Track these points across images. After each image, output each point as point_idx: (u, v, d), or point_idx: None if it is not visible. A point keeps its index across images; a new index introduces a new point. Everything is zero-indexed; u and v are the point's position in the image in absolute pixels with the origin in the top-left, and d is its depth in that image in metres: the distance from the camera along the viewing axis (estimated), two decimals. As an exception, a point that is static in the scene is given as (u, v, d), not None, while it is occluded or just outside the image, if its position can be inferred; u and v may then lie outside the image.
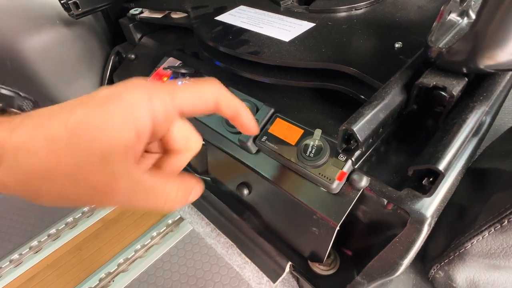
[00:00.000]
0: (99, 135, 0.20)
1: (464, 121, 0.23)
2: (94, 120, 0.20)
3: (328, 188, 0.36)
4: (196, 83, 0.25)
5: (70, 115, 0.20)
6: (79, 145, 0.20)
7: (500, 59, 0.23)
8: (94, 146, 0.20)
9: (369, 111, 0.24)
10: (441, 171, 0.20)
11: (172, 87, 0.23)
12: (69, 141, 0.20)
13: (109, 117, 0.20)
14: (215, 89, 0.25)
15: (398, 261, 0.34)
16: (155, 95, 0.22)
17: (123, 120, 0.21)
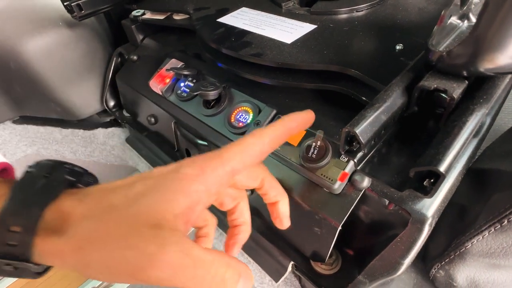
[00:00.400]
0: (154, 205, 0.22)
1: (464, 124, 0.23)
2: (151, 192, 0.23)
3: (330, 189, 0.37)
4: (242, 142, 0.27)
5: (131, 188, 0.23)
6: (135, 213, 0.22)
7: (500, 62, 0.23)
8: (148, 214, 0.22)
9: (371, 114, 0.25)
10: (442, 173, 0.21)
11: (221, 155, 0.25)
12: (127, 210, 0.22)
13: (164, 188, 0.23)
14: (260, 145, 0.27)
15: (399, 260, 0.35)
16: (208, 168, 0.24)
17: (176, 191, 0.23)
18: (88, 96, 0.74)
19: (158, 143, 0.67)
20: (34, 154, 0.85)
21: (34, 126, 0.81)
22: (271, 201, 0.34)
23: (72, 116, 0.75)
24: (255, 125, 0.43)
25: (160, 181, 0.23)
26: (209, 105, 0.50)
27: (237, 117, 0.47)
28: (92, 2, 0.60)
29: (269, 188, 0.33)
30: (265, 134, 0.27)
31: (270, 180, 0.33)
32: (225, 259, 0.23)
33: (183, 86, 0.54)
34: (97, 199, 0.23)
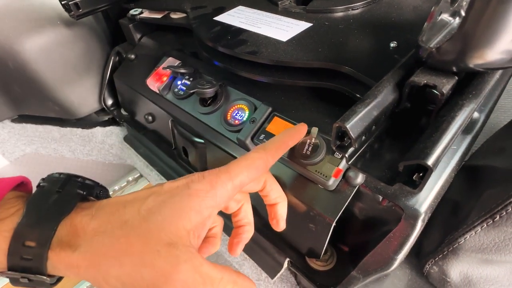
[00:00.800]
0: (167, 221, 0.23)
1: (453, 118, 0.23)
2: (164, 208, 0.23)
3: (324, 185, 0.37)
4: (248, 158, 0.28)
5: (143, 204, 0.24)
6: (149, 230, 0.22)
7: (488, 58, 0.24)
8: (161, 231, 0.22)
9: (362, 109, 0.25)
10: (429, 166, 0.21)
11: (229, 170, 0.26)
12: (140, 227, 0.23)
13: (176, 205, 0.24)
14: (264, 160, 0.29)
15: (392, 256, 0.35)
16: (217, 184, 0.25)
17: (188, 208, 0.24)
18: (86, 95, 0.75)
19: (155, 142, 0.68)
20: (33, 153, 0.85)
21: (33, 125, 0.81)
22: (271, 203, 0.36)
23: (70, 115, 0.75)
24: (251, 122, 0.44)
25: (171, 197, 0.24)
26: (205, 103, 0.51)
27: (233, 115, 0.47)
28: (89, 1, 0.60)
29: (271, 190, 0.34)
30: (267, 149, 0.30)
31: (271, 182, 0.35)
32: (232, 276, 0.24)
33: (180, 85, 0.55)
34: (109, 214, 0.24)
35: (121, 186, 0.81)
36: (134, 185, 0.82)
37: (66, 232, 0.23)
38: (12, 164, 0.84)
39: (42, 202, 0.24)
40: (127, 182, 0.82)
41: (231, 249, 0.34)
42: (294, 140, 0.35)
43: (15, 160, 0.85)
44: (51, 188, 0.25)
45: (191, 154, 0.57)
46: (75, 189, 0.26)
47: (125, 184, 0.82)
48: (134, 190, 0.76)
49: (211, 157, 0.54)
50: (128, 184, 0.82)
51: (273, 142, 0.31)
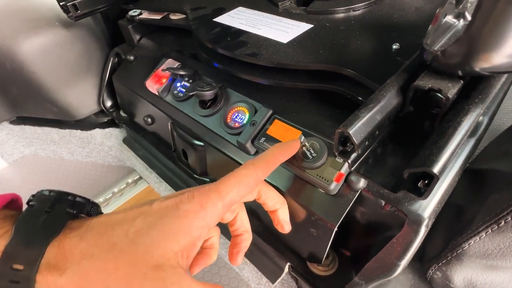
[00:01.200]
0: (155, 244, 0.23)
1: (459, 124, 0.23)
2: (152, 230, 0.23)
3: (326, 190, 0.36)
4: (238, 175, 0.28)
5: (131, 226, 0.24)
6: (136, 253, 0.22)
7: (495, 62, 0.23)
8: (149, 254, 0.22)
9: (365, 114, 0.24)
10: (435, 174, 0.20)
11: (219, 189, 0.26)
12: (128, 249, 0.22)
13: (165, 227, 0.23)
14: (254, 176, 0.28)
15: (395, 262, 0.34)
16: (207, 204, 0.25)
17: (177, 230, 0.23)
18: (85, 97, 0.74)
19: (155, 144, 0.67)
20: (32, 155, 0.85)
21: (32, 127, 0.80)
22: (271, 210, 0.35)
23: (69, 116, 0.75)
24: (251, 125, 0.43)
25: (160, 219, 0.24)
26: (205, 105, 0.50)
27: (233, 117, 0.46)
28: (88, 2, 0.59)
29: (267, 198, 0.34)
30: (257, 165, 0.29)
31: (266, 191, 0.34)
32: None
33: (180, 86, 0.54)
34: (97, 236, 0.23)
35: (121, 188, 0.81)
36: (133, 187, 0.81)
37: (54, 255, 0.23)
38: (10, 166, 0.84)
39: (30, 224, 0.24)
40: (126, 184, 0.81)
41: (231, 259, 0.34)
42: (285, 156, 0.34)
43: (13, 162, 0.84)
44: (40, 208, 0.25)
45: (191, 157, 0.57)
46: (65, 209, 0.25)
47: (124, 186, 0.81)
48: (134, 192, 0.75)
49: (211, 160, 0.53)
50: (128, 186, 0.82)
51: (264, 157, 0.31)
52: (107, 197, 0.79)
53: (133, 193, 0.79)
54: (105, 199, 0.78)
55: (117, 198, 0.79)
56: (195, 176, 0.59)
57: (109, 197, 0.79)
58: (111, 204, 0.78)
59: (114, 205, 0.77)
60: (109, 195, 0.79)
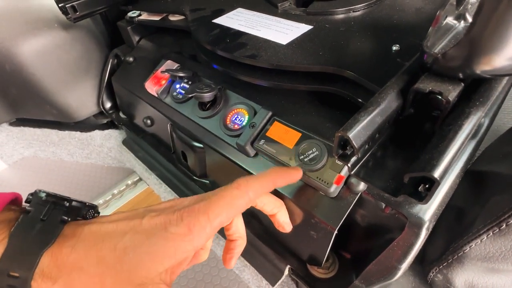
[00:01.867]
0: (140, 264, 0.23)
1: (460, 128, 0.23)
2: (138, 249, 0.24)
3: (326, 192, 0.36)
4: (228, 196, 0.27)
5: (120, 241, 0.24)
6: (122, 270, 0.23)
7: (496, 64, 0.23)
8: (133, 274, 0.23)
9: (365, 117, 0.24)
10: (436, 179, 0.20)
11: (208, 211, 0.26)
12: (114, 266, 0.23)
13: (152, 249, 0.24)
14: (246, 199, 0.28)
15: (396, 265, 0.34)
16: (195, 227, 0.25)
17: (162, 252, 0.24)
18: (85, 98, 0.74)
19: (154, 145, 0.67)
20: (32, 157, 0.85)
21: (31, 129, 0.80)
22: (270, 214, 0.35)
23: (68, 118, 0.75)
24: (250, 127, 0.43)
25: (148, 238, 0.24)
26: (204, 107, 0.50)
27: (233, 119, 0.46)
28: (86, 3, 0.59)
29: (263, 205, 0.34)
30: (250, 188, 0.28)
31: (262, 199, 0.34)
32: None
33: (179, 88, 0.54)
34: (87, 248, 0.24)
35: (120, 190, 0.81)
36: (133, 189, 0.81)
37: (48, 263, 0.23)
38: (10, 167, 0.84)
39: (26, 232, 0.24)
40: (126, 185, 0.81)
41: (225, 263, 0.34)
42: (283, 182, 0.32)
43: (13, 164, 0.84)
44: (35, 216, 0.25)
45: (190, 159, 0.56)
46: (59, 216, 0.26)
47: (124, 187, 0.81)
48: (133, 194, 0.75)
49: (211, 161, 0.53)
50: (127, 187, 0.81)
51: (259, 178, 0.30)
52: (107, 198, 0.79)
53: (132, 195, 0.79)
54: (104, 200, 0.78)
55: (117, 199, 0.78)
56: (194, 178, 0.59)
57: (108, 199, 0.79)
58: (111, 206, 0.78)
59: (114, 207, 0.77)
60: (108, 197, 0.79)
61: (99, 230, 0.25)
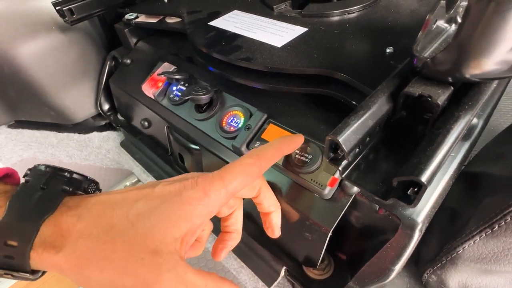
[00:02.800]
0: (156, 229, 0.22)
1: (448, 131, 0.23)
2: (153, 215, 0.23)
3: (320, 194, 0.36)
4: (242, 163, 0.27)
5: (131, 208, 0.23)
6: (135, 237, 0.22)
7: (485, 68, 0.23)
8: (148, 239, 0.22)
9: (355, 121, 0.24)
10: (423, 183, 0.20)
11: (223, 177, 0.25)
12: (127, 233, 0.22)
13: (166, 212, 0.23)
14: (258, 167, 0.28)
15: (389, 267, 0.34)
16: (210, 191, 0.24)
17: (178, 216, 0.23)
18: (83, 100, 0.74)
19: (152, 147, 0.67)
20: (30, 158, 0.85)
21: (30, 131, 0.80)
22: (265, 211, 0.35)
23: (67, 120, 0.75)
24: (246, 129, 0.43)
25: (162, 203, 0.23)
26: (201, 109, 0.50)
27: (229, 121, 0.46)
28: (83, 6, 0.60)
29: (264, 198, 0.34)
30: (261, 156, 0.28)
31: (266, 190, 0.34)
32: (216, 283, 0.24)
33: (175, 90, 0.54)
34: (96, 217, 0.23)
35: (119, 191, 0.81)
36: (131, 190, 0.81)
37: (51, 233, 0.22)
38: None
39: (25, 200, 0.23)
40: (124, 187, 0.81)
41: (214, 253, 0.33)
42: (289, 149, 0.34)
43: (12, 165, 0.84)
44: (35, 184, 0.24)
45: (187, 161, 0.57)
46: (60, 186, 0.25)
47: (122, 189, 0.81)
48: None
49: (207, 163, 0.53)
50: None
51: (268, 148, 0.30)
52: (106, 200, 0.79)
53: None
54: (103, 202, 0.79)
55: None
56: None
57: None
58: (110, 207, 0.78)
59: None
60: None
61: (108, 199, 0.24)
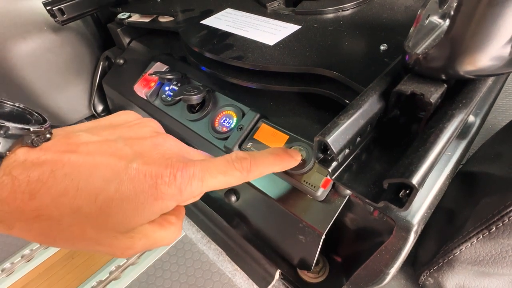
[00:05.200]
0: (127, 220, 0.21)
1: (441, 131, 0.22)
2: (125, 205, 0.21)
3: (313, 196, 0.35)
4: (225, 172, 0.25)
5: (101, 192, 0.20)
6: (106, 222, 0.21)
7: (479, 64, 0.22)
8: (120, 225, 0.21)
9: (345, 121, 0.23)
10: (414, 186, 0.19)
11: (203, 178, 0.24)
12: (97, 218, 0.21)
13: (139, 206, 0.22)
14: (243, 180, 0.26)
15: (384, 270, 0.33)
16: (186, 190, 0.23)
17: (150, 211, 0.22)
18: (76, 101, 0.73)
19: (146, 148, 0.66)
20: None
21: (23, 132, 0.80)
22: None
23: (60, 121, 0.74)
24: (238, 129, 0.42)
25: (136, 196, 0.21)
26: (193, 109, 0.49)
27: (221, 121, 0.45)
28: (74, 6, 0.59)
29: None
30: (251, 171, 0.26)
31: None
32: (179, 221, 0.26)
33: (168, 90, 0.53)
34: (54, 196, 0.19)
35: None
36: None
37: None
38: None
39: None
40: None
41: None
42: (282, 168, 0.30)
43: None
44: None
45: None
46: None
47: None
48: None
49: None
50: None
51: (259, 163, 0.27)
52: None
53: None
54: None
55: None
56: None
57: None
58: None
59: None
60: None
61: (67, 174, 0.20)
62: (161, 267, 0.61)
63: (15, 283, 0.62)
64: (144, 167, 0.22)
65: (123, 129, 0.25)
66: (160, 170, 0.22)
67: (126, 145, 0.23)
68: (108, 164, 0.21)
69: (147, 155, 0.23)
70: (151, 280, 0.59)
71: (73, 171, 0.20)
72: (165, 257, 0.62)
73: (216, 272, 0.58)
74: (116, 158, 0.22)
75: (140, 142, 0.24)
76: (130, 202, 0.21)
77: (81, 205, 0.20)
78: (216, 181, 0.25)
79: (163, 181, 0.22)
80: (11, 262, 0.65)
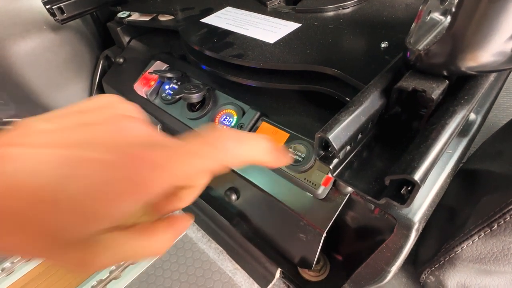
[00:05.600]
0: (76, 219, 0.17)
1: (443, 127, 0.22)
2: (72, 201, 0.17)
3: (314, 194, 0.35)
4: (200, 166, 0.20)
5: (44, 192, 0.16)
6: (49, 228, 0.16)
7: (480, 60, 0.22)
8: (67, 230, 0.17)
9: (346, 117, 0.23)
10: (416, 182, 0.19)
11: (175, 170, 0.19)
12: (40, 223, 0.16)
13: (91, 197, 0.17)
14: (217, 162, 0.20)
15: (385, 268, 0.33)
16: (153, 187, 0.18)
17: (107, 200, 0.17)
18: (76, 100, 0.72)
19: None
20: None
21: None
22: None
23: (60, 121, 0.74)
24: (238, 128, 0.42)
25: (85, 194, 0.17)
26: (194, 108, 0.49)
27: (221, 120, 0.45)
28: (74, 5, 0.58)
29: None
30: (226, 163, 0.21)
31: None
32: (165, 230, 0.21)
33: (168, 89, 0.53)
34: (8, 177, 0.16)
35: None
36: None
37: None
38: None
39: None
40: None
41: None
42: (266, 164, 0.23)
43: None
44: None
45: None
46: None
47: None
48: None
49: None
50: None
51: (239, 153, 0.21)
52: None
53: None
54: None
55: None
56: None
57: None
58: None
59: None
60: None
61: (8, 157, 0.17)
62: (161, 266, 0.61)
63: (15, 282, 0.62)
64: (100, 157, 0.18)
65: (88, 114, 0.21)
66: (118, 161, 0.18)
67: (81, 132, 0.19)
68: (55, 156, 0.17)
69: (107, 144, 0.19)
70: (151, 279, 0.59)
71: (14, 167, 0.17)
72: (166, 256, 0.62)
73: (216, 271, 0.58)
74: (65, 148, 0.18)
75: (101, 128, 0.19)
76: (78, 204, 0.17)
77: (20, 208, 0.16)
78: (193, 173, 0.20)
79: (122, 175, 0.18)
80: (11, 261, 0.64)
